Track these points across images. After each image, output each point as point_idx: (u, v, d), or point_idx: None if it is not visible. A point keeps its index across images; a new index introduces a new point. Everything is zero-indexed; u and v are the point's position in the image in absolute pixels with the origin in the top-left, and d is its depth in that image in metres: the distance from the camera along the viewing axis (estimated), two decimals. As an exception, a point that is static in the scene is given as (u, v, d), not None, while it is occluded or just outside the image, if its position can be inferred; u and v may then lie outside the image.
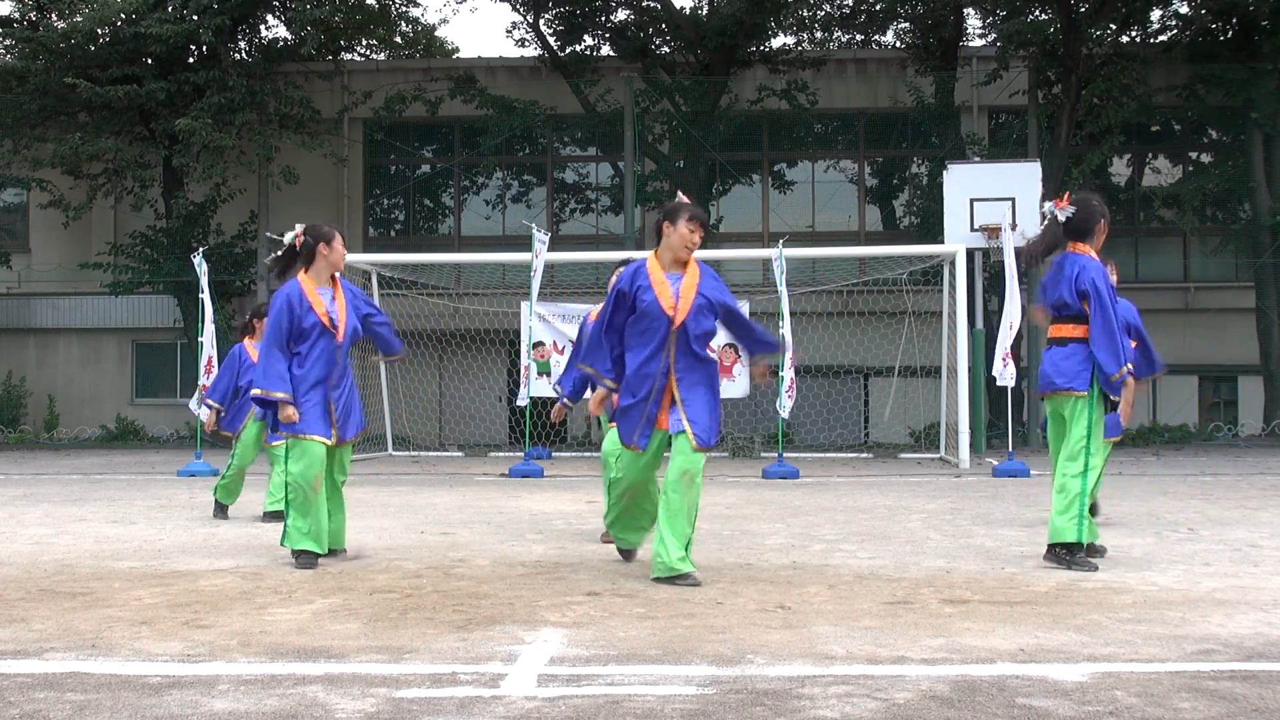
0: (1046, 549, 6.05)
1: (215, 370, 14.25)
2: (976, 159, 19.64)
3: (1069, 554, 5.92)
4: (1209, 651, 4.02)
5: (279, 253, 6.47)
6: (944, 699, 3.40)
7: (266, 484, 8.91)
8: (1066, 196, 6.23)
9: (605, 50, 23.70)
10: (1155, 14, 22.04)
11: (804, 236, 22.22)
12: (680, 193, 5.92)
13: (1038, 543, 6.95)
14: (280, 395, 6.11)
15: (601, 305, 5.73)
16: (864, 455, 17.11)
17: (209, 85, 19.75)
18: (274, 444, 8.16)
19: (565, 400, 7.02)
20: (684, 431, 5.47)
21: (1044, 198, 16.20)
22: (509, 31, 25.34)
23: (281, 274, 6.51)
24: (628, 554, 6.20)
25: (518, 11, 23.75)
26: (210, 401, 8.85)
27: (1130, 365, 5.95)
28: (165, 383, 24.50)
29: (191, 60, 20.73)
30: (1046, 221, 6.23)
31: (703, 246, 5.84)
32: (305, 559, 6.08)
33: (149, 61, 20.39)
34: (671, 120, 22.07)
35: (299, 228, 6.49)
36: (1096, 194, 6.46)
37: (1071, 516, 5.89)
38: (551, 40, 23.46)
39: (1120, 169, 24.17)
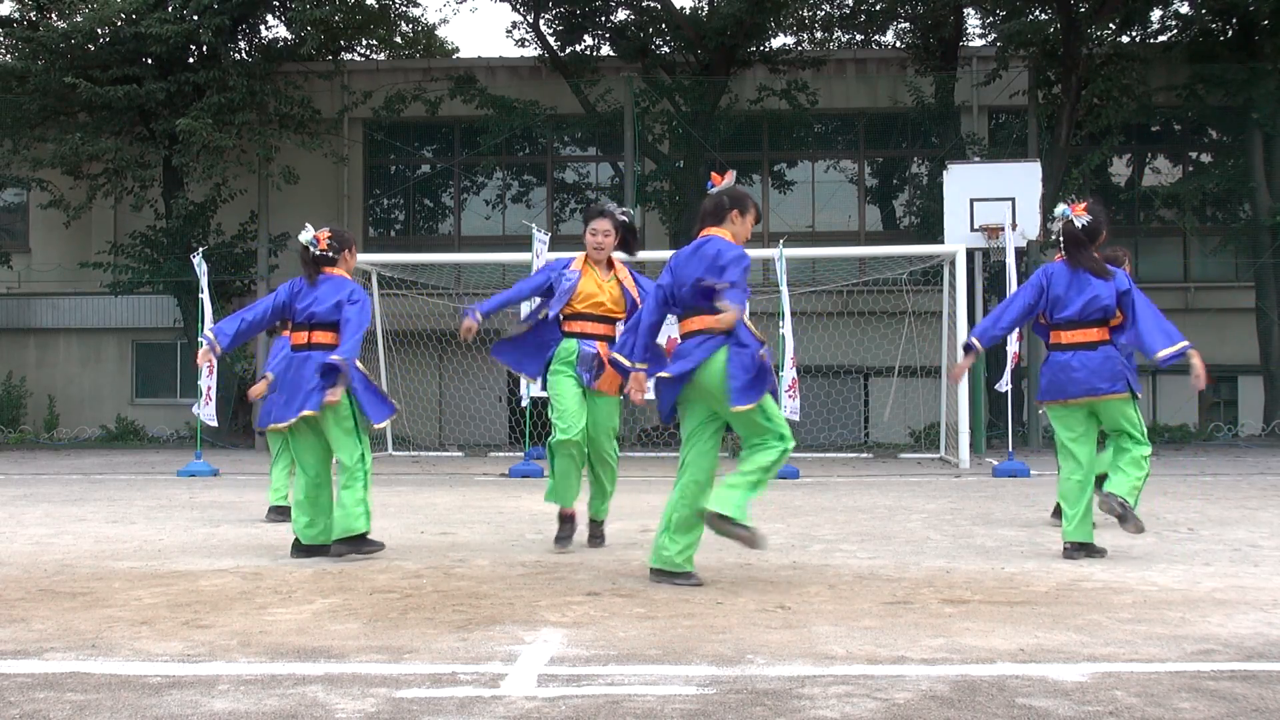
0: (1106, 497, 6.15)
1: (217, 371, 14.26)
2: (976, 159, 19.65)
3: (1123, 509, 6.11)
4: (1209, 651, 4.02)
5: (311, 252, 6.46)
6: (944, 699, 3.40)
7: (269, 482, 8.88)
8: (1085, 204, 6.29)
9: (605, 50, 23.70)
10: (1155, 14, 22.06)
11: (804, 236, 22.23)
12: (731, 173, 5.70)
13: (1038, 543, 6.96)
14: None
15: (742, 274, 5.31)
16: (864, 455, 17.11)
17: (209, 85, 19.75)
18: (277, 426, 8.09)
19: (477, 316, 6.56)
20: None
21: (1044, 198, 16.29)
22: (509, 31, 25.42)
23: (311, 272, 6.50)
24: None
25: (518, 11, 23.76)
26: (268, 374, 8.42)
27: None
28: (165, 383, 24.51)
29: (191, 60, 20.73)
30: (1063, 225, 6.27)
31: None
32: (376, 544, 6.34)
33: (149, 61, 20.39)
34: (671, 120, 22.07)
35: (315, 230, 6.56)
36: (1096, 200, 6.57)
37: (1136, 488, 6.20)
38: (551, 40, 23.46)
39: (1120, 169, 24.19)
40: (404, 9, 24.56)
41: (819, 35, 24.07)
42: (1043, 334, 6.50)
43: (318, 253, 6.43)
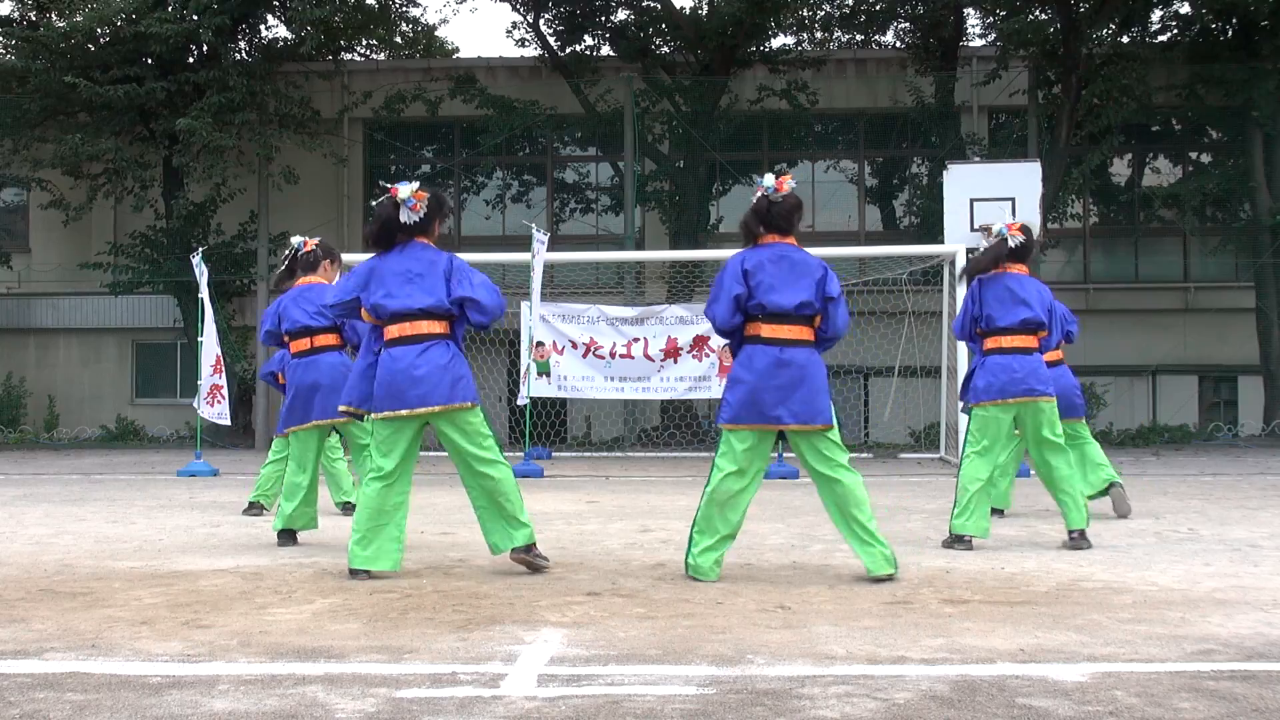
0: (1070, 535, 6.72)
1: (224, 369, 14.28)
2: (976, 159, 19.64)
3: (1082, 537, 6.68)
4: (1209, 651, 4.02)
5: (297, 255, 7.11)
6: (944, 699, 3.40)
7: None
8: (1020, 225, 6.83)
9: (605, 50, 23.70)
10: (1155, 14, 22.06)
11: (804, 236, 21.92)
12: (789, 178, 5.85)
13: (1037, 543, 6.97)
14: None
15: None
16: (864, 455, 17.11)
17: (209, 85, 19.74)
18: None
19: None
20: None
21: (1044, 198, 16.26)
22: (509, 31, 25.40)
23: (287, 277, 7.16)
24: None
25: (518, 11, 23.76)
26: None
27: None
28: (165, 383, 24.50)
29: (191, 60, 20.72)
30: (996, 241, 6.76)
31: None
32: None
33: (149, 61, 20.38)
34: (671, 120, 22.06)
35: (309, 239, 7.14)
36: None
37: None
38: (551, 40, 23.46)
39: (1120, 169, 24.19)
40: (404, 9, 24.54)
41: (819, 35, 24.06)
42: (976, 341, 6.87)
43: (301, 254, 7.03)
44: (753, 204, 5.66)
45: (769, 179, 5.66)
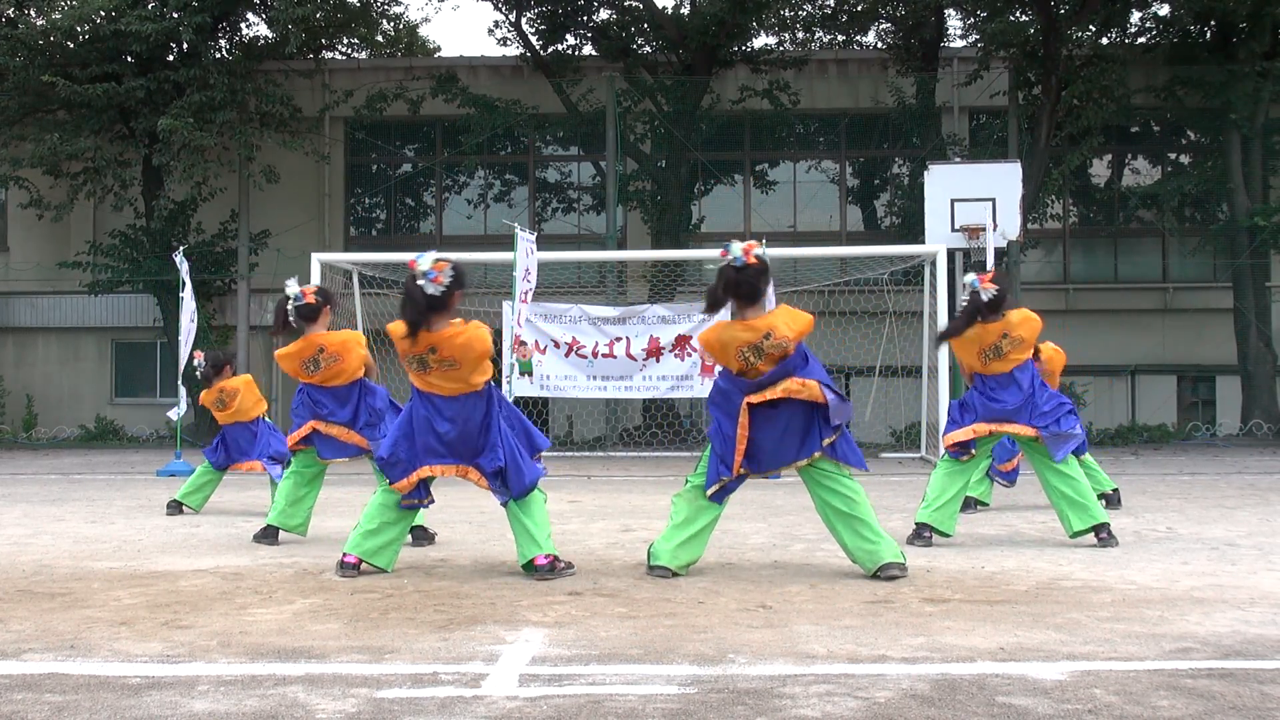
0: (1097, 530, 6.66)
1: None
2: (957, 159, 19.71)
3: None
4: (1187, 650, 4.05)
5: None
6: (924, 698, 3.42)
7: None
8: (991, 274, 6.71)
9: (587, 50, 23.69)
10: (1135, 16, 22.19)
11: (786, 236, 22.27)
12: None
13: (1017, 542, 7.00)
14: None
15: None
16: (845, 455, 17.14)
17: (189, 83, 19.63)
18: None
19: None
20: None
21: (1024, 198, 16.34)
22: (491, 30, 25.33)
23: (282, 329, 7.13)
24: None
25: (499, 10, 23.73)
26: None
27: None
28: (145, 382, 24.36)
29: (172, 58, 20.61)
30: (970, 295, 6.68)
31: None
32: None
33: (129, 59, 20.27)
34: (653, 120, 22.07)
35: (306, 287, 7.11)
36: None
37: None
38: (533, 39, 23.44)
39: (1100, 170, 24.32)
40: (385, 7, 24.44)
41: (800, 35, 24.10)
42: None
43: (301, 304, 6.92)
44: (719, 274, 5.53)
45: (736, 247, 5.51)
